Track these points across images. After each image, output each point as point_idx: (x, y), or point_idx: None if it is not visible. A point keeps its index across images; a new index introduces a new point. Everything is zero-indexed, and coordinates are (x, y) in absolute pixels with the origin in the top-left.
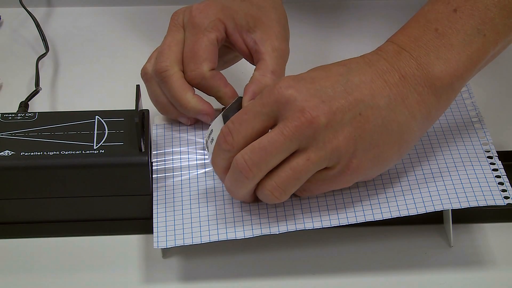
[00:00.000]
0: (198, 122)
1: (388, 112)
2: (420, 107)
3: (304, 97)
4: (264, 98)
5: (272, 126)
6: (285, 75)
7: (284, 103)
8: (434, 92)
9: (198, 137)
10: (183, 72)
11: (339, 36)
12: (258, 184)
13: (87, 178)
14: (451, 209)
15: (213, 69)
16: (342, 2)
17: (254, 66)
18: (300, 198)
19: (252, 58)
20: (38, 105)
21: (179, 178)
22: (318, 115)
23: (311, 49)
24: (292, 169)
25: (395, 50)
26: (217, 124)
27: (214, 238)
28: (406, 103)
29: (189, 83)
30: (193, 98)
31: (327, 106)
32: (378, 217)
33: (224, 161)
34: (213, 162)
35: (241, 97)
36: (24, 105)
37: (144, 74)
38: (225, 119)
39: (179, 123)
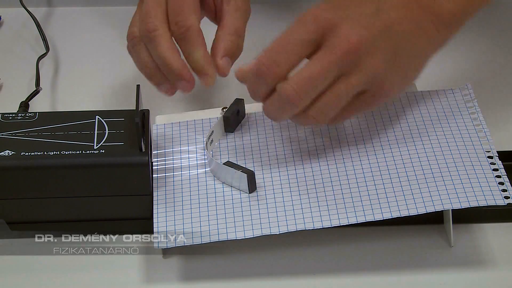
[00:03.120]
0: (197, 122)
1: (412, 36)
2: (434, 35)
3: (348, 23)
4: (308, 26)
5: (313, 53)
6: None
7: (330, 29)
8: (447, 24)
9: (198, 137)
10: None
11: None
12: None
13: (88, 178)
14: (451, 209)
15: (199, 23)
16: None
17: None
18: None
19: (215, 17)
20: (39, 105)
21: (180, 178)
22: (361, 41)
23: None
24: (335, 94)
25: None
26: (217, 126)
27: (214, 238)
28: (425, 30)
29: (175, 37)
30: (179, 60)
31: (368, 31)
32: (378, 217)
33: (266, 89)
34: (252, 89)
35: (239, 99)
36: (24, 105)
37: (132, 38)
38: (226, 120)
39: (179, 123)
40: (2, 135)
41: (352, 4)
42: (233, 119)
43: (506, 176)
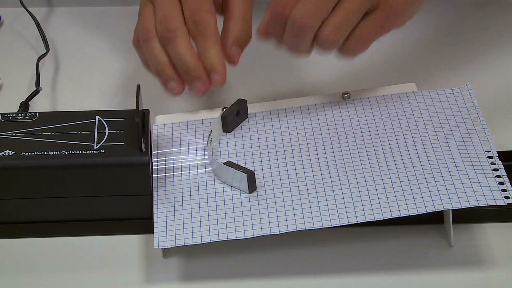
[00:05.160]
0: (198, 122)
1: None
2: None
3: None
4: None
5: None
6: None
7: None
8: None
9: (198, 137)
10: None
11: None
12: (316, 34)
13: (88, 178)
14: (451, 209)
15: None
16: None
17: (253, 66)
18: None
19: (222, 9)
20: (39, 105)
21: (180, 178)
22: None
23: None
24: (344, 10)
25: None
26: (216, 126)
27: (214, 238)
28: None
29: (192, 35)
30: (198, 61)
31: None
32: (378, 217)
33: (282, 26)
34: (267, 30)
35: (242, 99)
36: (24, 105)
37: (145, 33)
38: (224, 120)
39: (179, 123)
40: (2, 135)
41: None
42: (232, 119)
43: (506, 176)
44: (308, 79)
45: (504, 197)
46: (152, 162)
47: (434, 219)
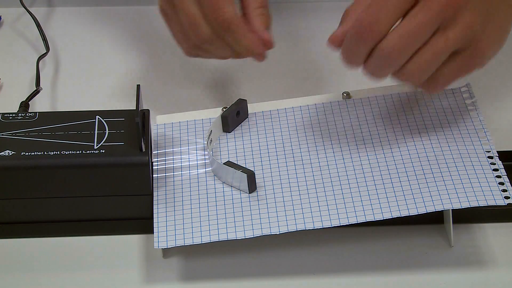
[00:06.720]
0: (198, 122)
1: None
2: None
3: None
4: None
5: (411, 8)
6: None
7: None
8: None
9: (198, 137)
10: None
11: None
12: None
13: (88, 178)
14: (451, 209)
15: (236, 11)
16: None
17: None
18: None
19: None
20: (39, 105)
21: (180, 178)
22: None
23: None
24: (432, 49)
25: None
26: (216, 126)
27: (214, 238)
28: None
29: (218, 33)
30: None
31: None
32: (378, 217)
33: (366, 50)
34: (349, 55)
35: (242, 99)
36: (24, 105)
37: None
38: (224, 119)
39: (180, 123)
40: (2, 135)
41: None
42: (232, 119)
43: (506, 176)
44: (308, 79)
45: (504, 197)
46: (152, 162)
47: (434, 219)
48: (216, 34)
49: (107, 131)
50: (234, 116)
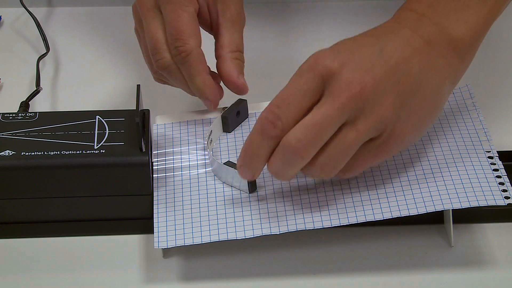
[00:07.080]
0: (198, 122)
1: (421, 78)
2: (447, 70)
3: (348, 69)
4: (305, 75)
5: (316, 102)
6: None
7: (330, 76)
8: (458, 54)
9: (198, 137)
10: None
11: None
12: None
13: (88, 178)
14: (451, 209)
15: (199, 46)
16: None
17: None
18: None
19: (211, 29)
20: (39, 105)
21: (180, 178)
22: (365, 85)
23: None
24: (342, 142)
25: (415, 17)
26: (216, 126)
27: (214, 238)
28: (435, 68)
29: (176, 62)
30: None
31: (371, 76)
32: (378, 217)
33: (269, 148)
34: (253, 152)
35: (242, 99)
36: (24, 105)
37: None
38: (224, 120)
39: (180, 123)
40: (2, 135)
41: (353, 48)
42: (232, 119)
43: (506, 176)
44: None
45: (504, 197)
46: (152, 162)
47: (434, 219)
48: (175, 64)
49: (107, 131)
50: (234, 116)
